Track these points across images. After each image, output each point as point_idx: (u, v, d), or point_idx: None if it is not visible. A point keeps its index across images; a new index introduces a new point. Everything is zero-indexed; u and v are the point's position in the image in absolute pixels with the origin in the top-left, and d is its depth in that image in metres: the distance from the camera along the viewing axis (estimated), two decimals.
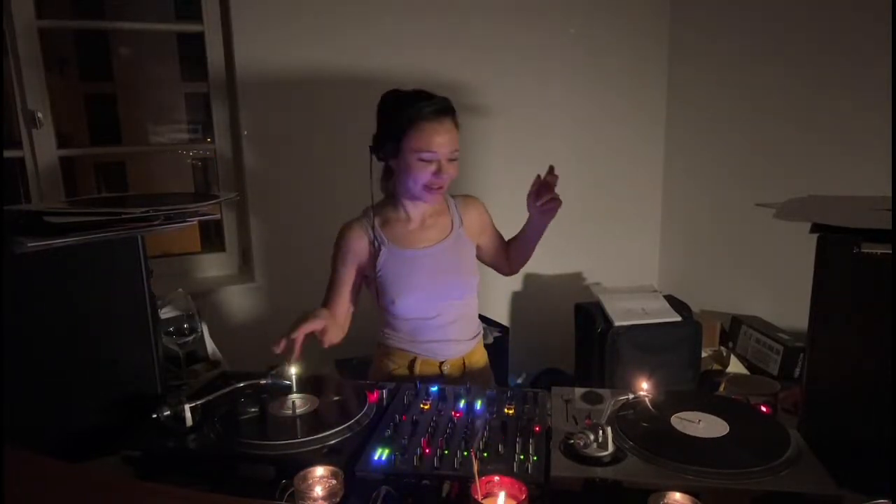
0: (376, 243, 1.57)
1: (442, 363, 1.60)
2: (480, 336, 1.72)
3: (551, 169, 1.48)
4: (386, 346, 1.65)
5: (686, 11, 2.98)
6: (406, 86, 2.69)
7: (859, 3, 2.21)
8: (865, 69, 2.19)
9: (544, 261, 2.91)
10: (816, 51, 2.37)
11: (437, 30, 2.64)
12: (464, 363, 1.63)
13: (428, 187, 1.50)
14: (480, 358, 1.70)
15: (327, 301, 1.63)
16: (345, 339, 1.84)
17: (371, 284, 1.62)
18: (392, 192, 1.62)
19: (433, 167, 1.47)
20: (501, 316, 2.92)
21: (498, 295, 2.95)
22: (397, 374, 1.62)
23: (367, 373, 1.75)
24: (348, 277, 1.61)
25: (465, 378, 1.58)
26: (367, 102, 2.71)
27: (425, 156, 1.46)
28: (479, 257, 1.71)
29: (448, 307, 1.59)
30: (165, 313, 1.57)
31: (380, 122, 1.56)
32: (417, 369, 1.60)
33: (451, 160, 1.48)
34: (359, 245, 1.59)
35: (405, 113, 1.46)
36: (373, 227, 1.58)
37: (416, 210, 1.60)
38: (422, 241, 1.59)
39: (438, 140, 1.45)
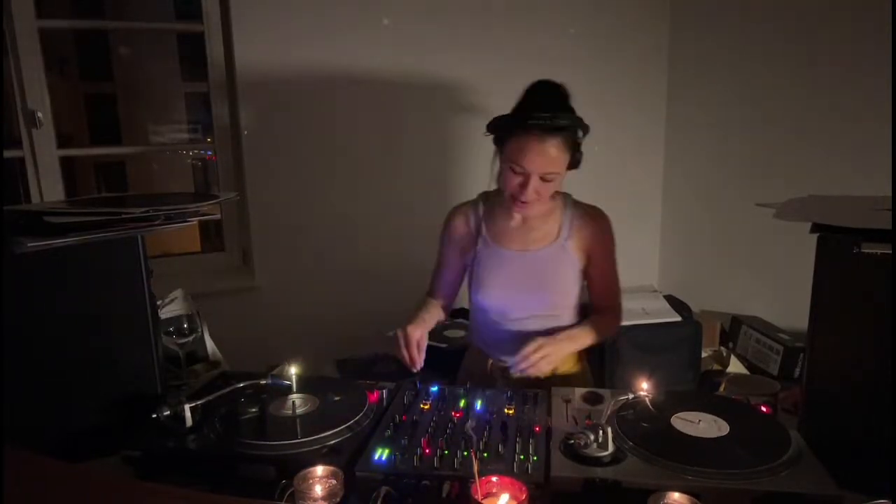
0: (475, 231, 1.56)
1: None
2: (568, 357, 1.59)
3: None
4: (471, 343, 1.66)
5: (686, 12, 2.98)
6: (406, 86, 2.69)
7: (859, 3, 2.21)
8: (865, 69, 2.19)
9: None
10: (816, 51, 2.37)
11: (438, 30, 2.64)
12: (537, 379, 1.48)
13: (514, 198, 1.44)
14: (570, 365, 1.58)
15: (432, 281, 1.65)
16: (345, 339, 1.85)
17: (468, 275, 1.61)
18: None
19: (521, 179, 1.40)
20: None
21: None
22: (476, 378, 1.54)
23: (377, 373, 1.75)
24: (450, 259, 1.61)
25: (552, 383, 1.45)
26: (367, 102, 2.72)
27: (516, 168, 1.40)
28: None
29: (530, 317, 1.51)
30: (165, 313, 1.57)
31: (500, 119, 1.48)
32: (489, 369, 1.55)
33: (544, 180, 1.40)
34: (461, 230, 1.59)
35: (516, 118, 1.41)
36: (478, 214, 1.57)
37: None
38: (520, 242, 1.53)
39: (531, 157, 1.37)
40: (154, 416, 1.13)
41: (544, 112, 1.36)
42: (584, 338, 1.50)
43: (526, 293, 1.52)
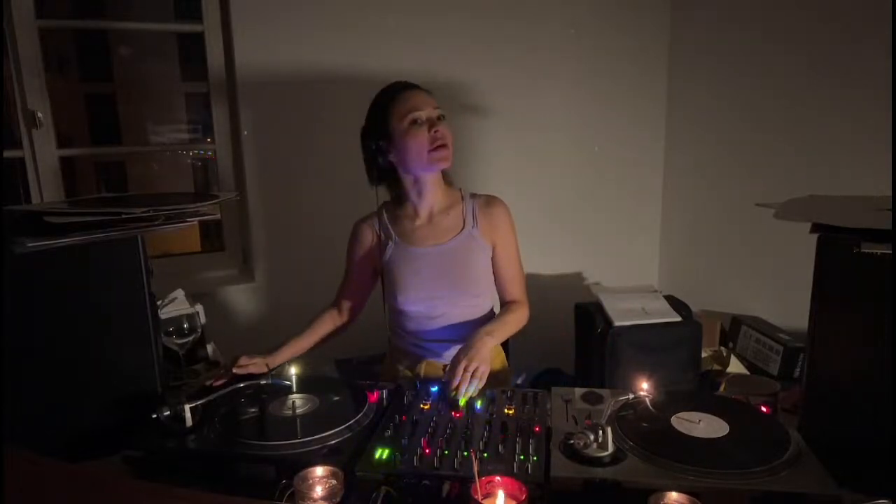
0: (384, 238, 1.58)
1: (446, 366, 1.58)
2: None
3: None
4: (394, 347, 1.66)
5: (686, 11, 2.98)
6: None
7: (860, 3, 2.21)
8: (866, 69, 2.19)
9: (544, 260, 2.91)
10: (817, 51, 2.37)
11: (438, 30, 2.64)
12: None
13: (432, 151, 1.48)
14: (491, 361, 1.64)
15: (338, 294, 1.71)
16: (345, 338, 1.85)
17: (381, 281, 1.64)
18: (399, 191, 1.62)
19: (426, 127, 1.47)
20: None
21: (497, 295, 2.95)
22: (405, 377, 1.60)
23: (377, 373, 1.75)
24: (357, 272, 1.66)
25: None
26: (367, 102, 2.71)
27: (414, 115, 1.47)
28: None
29: (453, 308, 1.57)
30: (165, 313, 1.57)
31: (368, 118, 1.59)
32: (423, 371, 1.58)
33: (440, 118, 1.50)
34: (367, 240, 1.62)
35: (384, 95, 1.54)
36: (382, 222, 1.61)
37: (423, 206, 1.59)
38: (429, 238, 1.58)
39: (418, 99, 1.49)
40: (154, 416, 1.13)
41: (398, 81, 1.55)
42: (501, 331, 1.50)
43: (446, 286, 1.56)
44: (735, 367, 2.55)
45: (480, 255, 1.59)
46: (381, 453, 1.04)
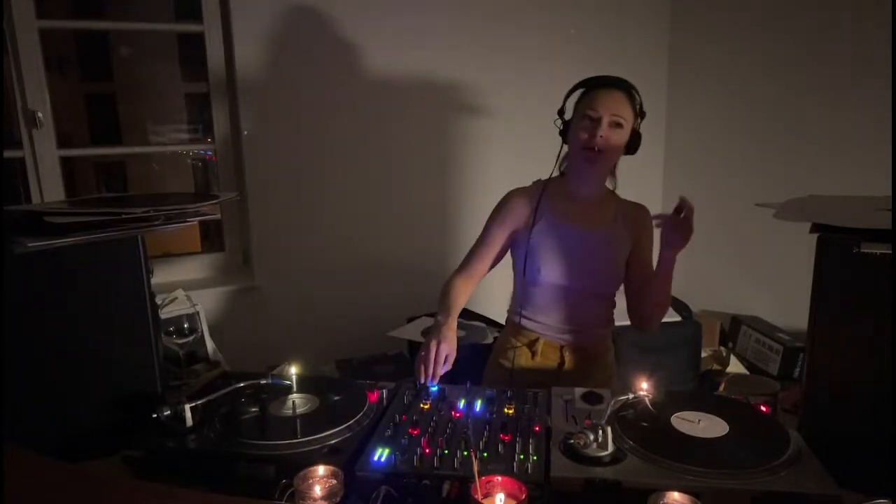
0: (538, 213, 1.60)
1: (563, 347, 1.61)
2: (606, 336, 1.72)
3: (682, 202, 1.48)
4: (514, 325, 1.67)
5: (686, 12, 2.98)
6: (407, 86, 2.70)
7: (859, 3, 2.21)
8: (865, 69, 2.19)
9: None
10: (816, 51, 2.37)
11: (438, 30, 2.64)
12: (586, 352, 1.64)
13: (584, 148, 1.53)
14: (603, 352, 1.70)
15: (469, 256, 1.67)
16: (345, 339, 1.85)
17: (520, 253, 1.62)
18: (565, 171, 1.66)
19: (592, 125, 1.51)
20: (501, 316, 2.92)
21: (497, 295, 2.95)
22: (518, 357, 1.64)
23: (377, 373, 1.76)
24: (498, 239, 1.64)
25: (585, 370, 1.62)
26: (367, 102, 2.71)
27: (591, 113, 1.51)
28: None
29: (585, 292, 1.60)
30: (165, 313, 1.57)
31: (569, 94, 1.62)
32: (539, 350, 1.61)
33: (613, 125, 1.51)
34: (519, 210, 1.63)
35: (587, 82, 1.58)
36: (539, 196, 1.62)
37: (581, 192, 1.62)
38: (581, 221, 1.61)
39: (602, 99, 1.52)
40: (154, 416, 1.13)
41: (612, 75, 1.58)
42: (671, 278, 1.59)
43: (587, 269, 1.59)
44: (735, 367, 2.55)
45: (621, 250, 1.63)
46: (381, 453, 1.04)
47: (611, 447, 1.01)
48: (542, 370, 1.60)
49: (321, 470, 0.94)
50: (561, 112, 1.60)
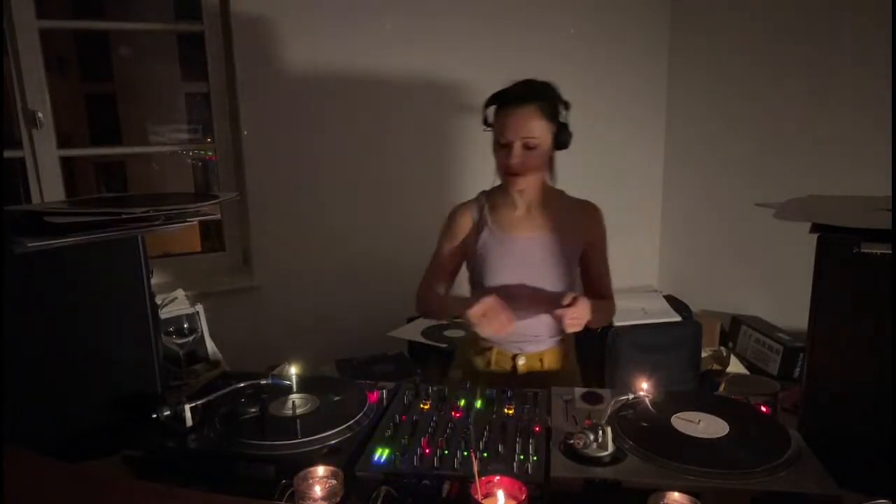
0: (480, 224, 1.61)
1: (516, 356, 1.60)
2: (566, 338, 1.68)
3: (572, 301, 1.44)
4: (472, 334, 1.65)
5: (686, 11, 2.98)
6: (406, 86, 2.69)
7: (859, 3, 2.21)
8: (865, 69, 2.19)
9: None
10: (816, 51, 2.37)
11: (438, 30, 2.64)
12: (541, 362, 1.61)
13: (504, 171, 1.53)
14: (560, 360, 1.65)
15: (428, 278, 1.67)
16: (345, 339, 1.85)
17: (469, 265, 1.64)
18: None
19: (507, 150, 1.50)
20: None
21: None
22: (475, 366, 1.64)
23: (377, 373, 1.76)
24: (449, 254, 1.65)
25: (541, 378, 1.56)
26: (367, 102, 2.71)
27: (500, 139, 1.50)
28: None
29: (535, 299, 1.58)
30: (165, 313, 1.57)
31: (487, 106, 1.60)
32: (493, 359, 1.61)
33: (527, 147, 1.49)
34: (465, 223, 1.63)
35: (495, 99, 1.54)
36: (481, 209, 1.62)
37: (522, 198, 1.60)
38: (525, 229, 1.60)
39: (511, 123, 1.49)
40: (154, 416, 1.13)
41: (515, 86, 1.52)
42: (600, 312, 1.56)
43: (534, 276, 1.57)
44: (735, 367, 2.55)
45: (569, 252, 1.62)
46: (381, 453, 1.03)
47: (611, 447, 1.01)
48: (497, 380, 1.58)
49: (321, 470, 0.94)
50: (486, 122, 1.57)
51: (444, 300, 1.64)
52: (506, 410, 1.19)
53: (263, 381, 1.26)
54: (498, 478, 0.90)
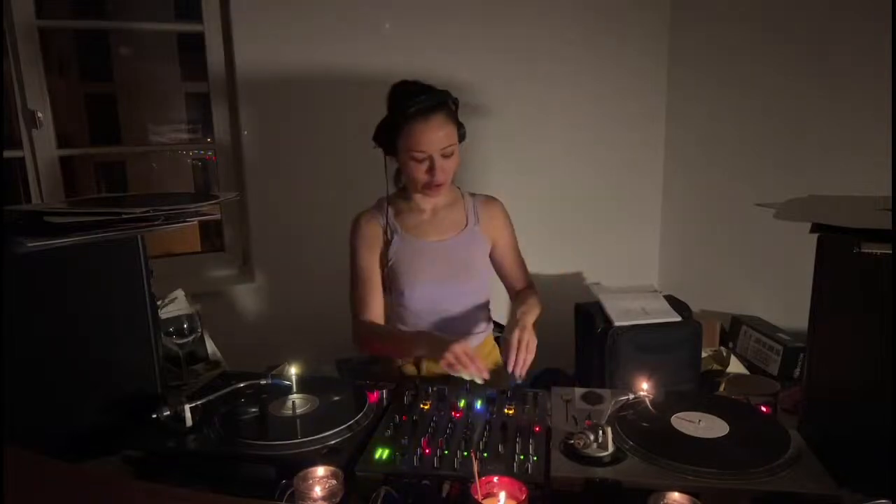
0: (389, 231, 1.58)
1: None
2: (487, 334, 1.71)
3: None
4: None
5: (686, 12, 2.98)
6: None
7: (859, 3, 2.21)
8: (865, 69, 2.18)
9: (544, 260, 2.91)
10: (816, 51, 2.37)
11: (438, 31, 2.64)
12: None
13: (426, 186, 1.51)
14: (487, 356, 1.67)
15: (360, 298, 1.58)
16: (345, 339, 1.85)
17: (384, 273, 1.60)
18: (404, 185, 1.63)
19: (426, 165, 1.47)
20: (500, 316, 2.92)
21: (497, 295, 2.96)
22: (405, 371, 1.62)
23: (375, 371, 1.74)
24: (372, 266, 1.58)
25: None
26: (366, 102, 2.70)
27: (416, 154, 1.47)
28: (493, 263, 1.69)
29: (455, 302, 1.59)
30: (165, 313, 1.57)
31: (382, 122, 1.56)
32: (424, 365, 1.60)
33: (445, 156, 1.48)
34: (374, 231, 1.59)
35: (396, 113, 1.47)
36: (386, 215, 1.59)
37: (427, 202, 1.60)
38: (435, 233, 1.60)
39: (426, 139, 1.45)
40: (154, 416, 1.13)
41: (414, 98, 1.44)
42: (535, 309, 1.56)
43: (449, 280, 1.57)
44: (735, 367, 2.55)
45: (482, 250, 1.64)
46: (381, 453, 1.04)
47: (611, 447, 1.01)
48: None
49: (321, 470, 0.94)
50: (376, 139, 1.54)
51: (393, 338, 1.57)
52: (506, 410, 1.19)
53: (263, 381, 1.26)
54: (498, 478, 0.90)
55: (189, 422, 1.12)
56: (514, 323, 1.46)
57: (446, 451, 1.03)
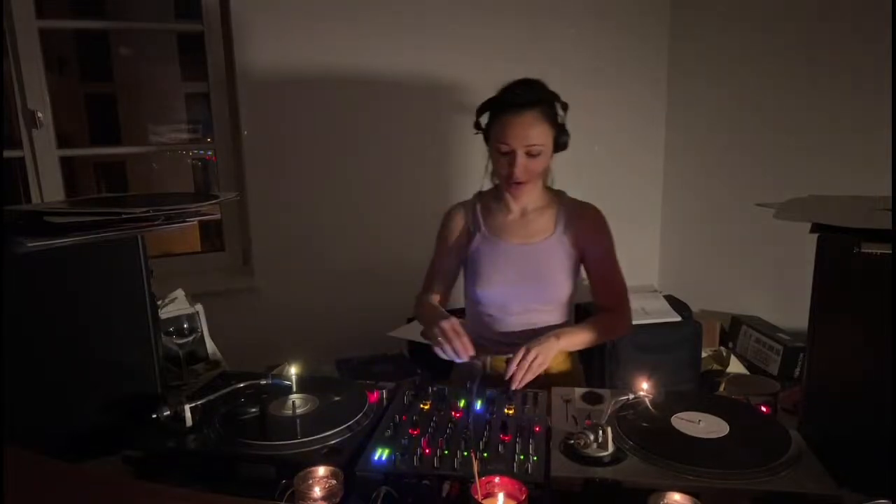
0: (472, 227, 1.58)
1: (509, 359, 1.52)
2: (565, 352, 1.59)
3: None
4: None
5: (686, 12, 2.98)
6: (406, 86, 2.69)
7: (859, 3, 2.21)
8: (865, 69, 2.19)
9: None
10: (816, 52, 2.37)
11: (438, 30, 2.64)
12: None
13: (507, 181, 1.49)
14: (562, 361, 1.56)
15: (426, 278, 1.64)
16: (345, 339, 1.85)
17: (464, 270, 1.62)
18: (499, 183, 1.61)
19: (508, 158, 1.45)
20: None
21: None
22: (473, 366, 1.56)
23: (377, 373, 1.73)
24: (448, 256, 1.62)
25: (544, 380, 1.41)
26: (366, 102, 2.71)
27: (500, 146, 1.45)
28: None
29: (529, 308, 1.54)
30: (165, 313, 1.57)
31: (481, 109, 1.55)
32: (489, 364, 1.54)
33: (530, 155, 1.44)
34: (459, 227, 1.60)
35: (493, 100, 1.48)
36: (474, 211, 1.59)
37: (515, 203, 1.57)
38: (518, 235, 1.56)
39: (513, 132, 1.42)
40: (154, 416, 1.13)
41: (510, 92, 1.45)
42: (575, 336, 1.49)
43: (525, 285, 1.54)
44: (735, 367, 2.55)
45: (566, 262, 1.56)
46: (381, 453, 1.04)
47: (611, 447, 1.01)
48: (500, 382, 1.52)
49: (321, 470, 0.94)
50: (477, 126, 1.53)
51: (423, 309, 1.58)
52: (506, 410, 1.19)
53: (263, 381, 1.26)
54: (498, 478, 0.90)
55: (189, 422, 1.12)
56: (538, 338, 1.40)
57: (446, 451, 1.03)
